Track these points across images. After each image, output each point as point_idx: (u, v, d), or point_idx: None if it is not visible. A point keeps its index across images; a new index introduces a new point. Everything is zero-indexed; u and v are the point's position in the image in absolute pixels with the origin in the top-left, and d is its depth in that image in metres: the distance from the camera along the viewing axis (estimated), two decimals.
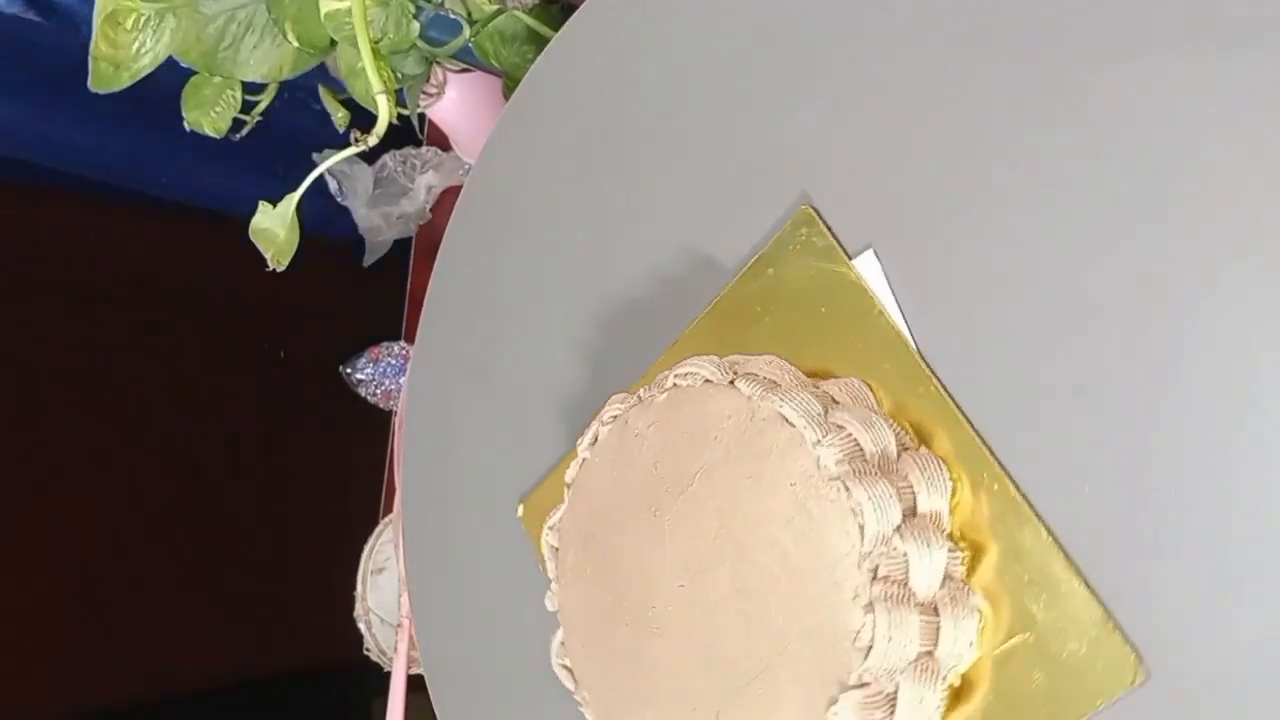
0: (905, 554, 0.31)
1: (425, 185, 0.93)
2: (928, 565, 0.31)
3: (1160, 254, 0.31)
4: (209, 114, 0.63)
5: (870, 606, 0.30)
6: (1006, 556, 0.32)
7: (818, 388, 0.36)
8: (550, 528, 0.41)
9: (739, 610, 0.33)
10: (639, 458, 0.37)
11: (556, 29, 0.50)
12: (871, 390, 0.36)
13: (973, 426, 0.33)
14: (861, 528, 0.31)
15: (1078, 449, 0.31)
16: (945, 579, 0.32)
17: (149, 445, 1.05)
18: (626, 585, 0.36)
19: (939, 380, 0.34)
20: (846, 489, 0.32)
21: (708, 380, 0.37)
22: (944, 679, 0.31)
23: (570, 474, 0.40)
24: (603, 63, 0.48)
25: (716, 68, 0.42)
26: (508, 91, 0.54)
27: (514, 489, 0.49)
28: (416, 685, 0.65)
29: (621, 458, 0.38)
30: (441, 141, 0.91)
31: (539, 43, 0.62)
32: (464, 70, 0.69)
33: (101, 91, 0.57)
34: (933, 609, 0.31)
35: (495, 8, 0.61)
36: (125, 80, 0.56)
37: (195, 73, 0.62)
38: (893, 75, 0.37)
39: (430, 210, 0.94)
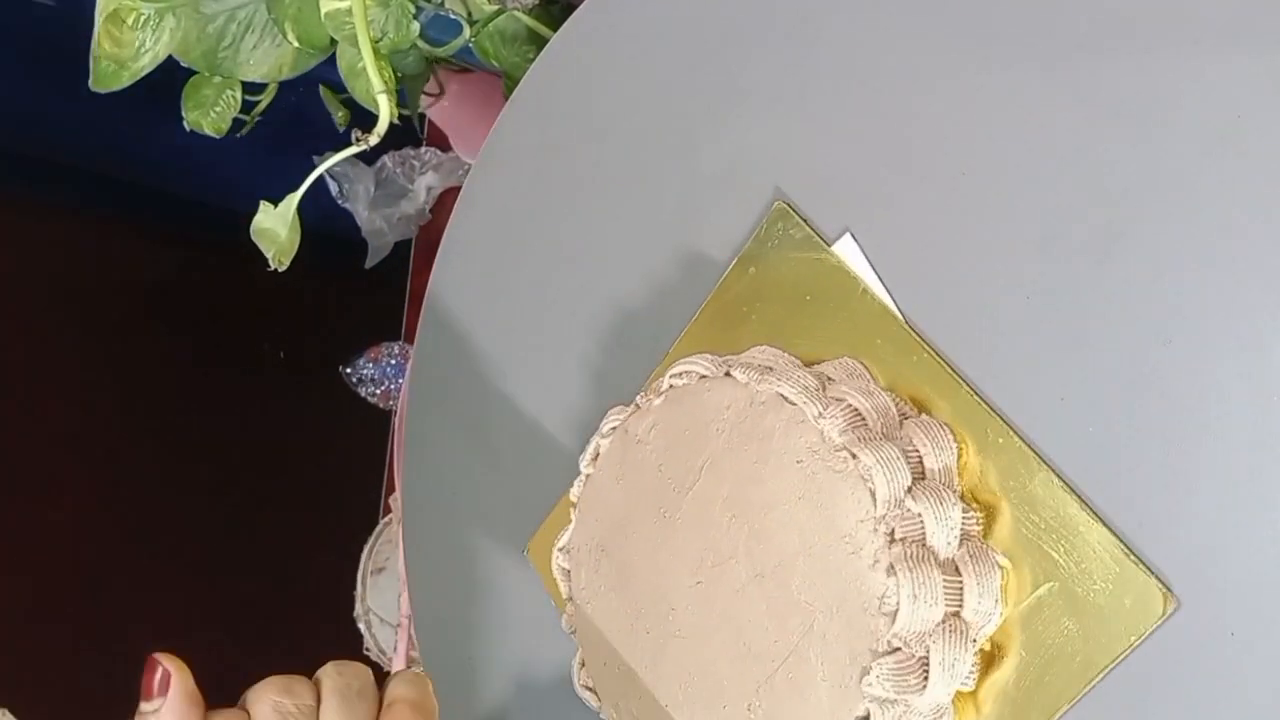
0: (919, 514, 0.31)
1: (425, 186, 0.93)
2: (944, 523, 0.31)
3: (1121, 181, 0.31)
4: (209, 114, 0.63)
5: (891, 569, 0.30)
6: (1021, 508, 0.32)
7: (812, 368, 0.36)
8: (560, 549, 0.40)
9: (760, 595, 0.33)
10: (643, 463, 0.37)
11: (556, 29, 0.50)
12: (866, 368, 0.36)
13: (971, 386, 0.34)
14: (873, 492, 0.31)
15: (1076, 396, 0.32)
16: (963, 539, 0.32)
17: (148, 445, 1.05)
18: (643, 593, 0.36)
19: (931, 347, 0.35)
20: (853, 455, 0.32)
21: (703, 376, 0.36)
22: (974, 641, 0.31)
23: (575, 492, 0.40)
24: (601, 63, 0.48)
25: (694, 73, 0.43)
26: (508, 91, 0.54)
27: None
28: None
29: (626, 467, 0.38)
30: (441, 142, 0.91)
31: (539, 43, 0.62)
32: (464, 70, 0.69)
33: (102, 91, 0.57)
34: (954, 568, 0.31)
35: (495, 8, 0.61)
36: (125, 79, 0.56)
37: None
38: (850, 71, 0.38)
39: (430, 211, 0.95)
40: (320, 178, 0.55)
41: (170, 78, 0.61)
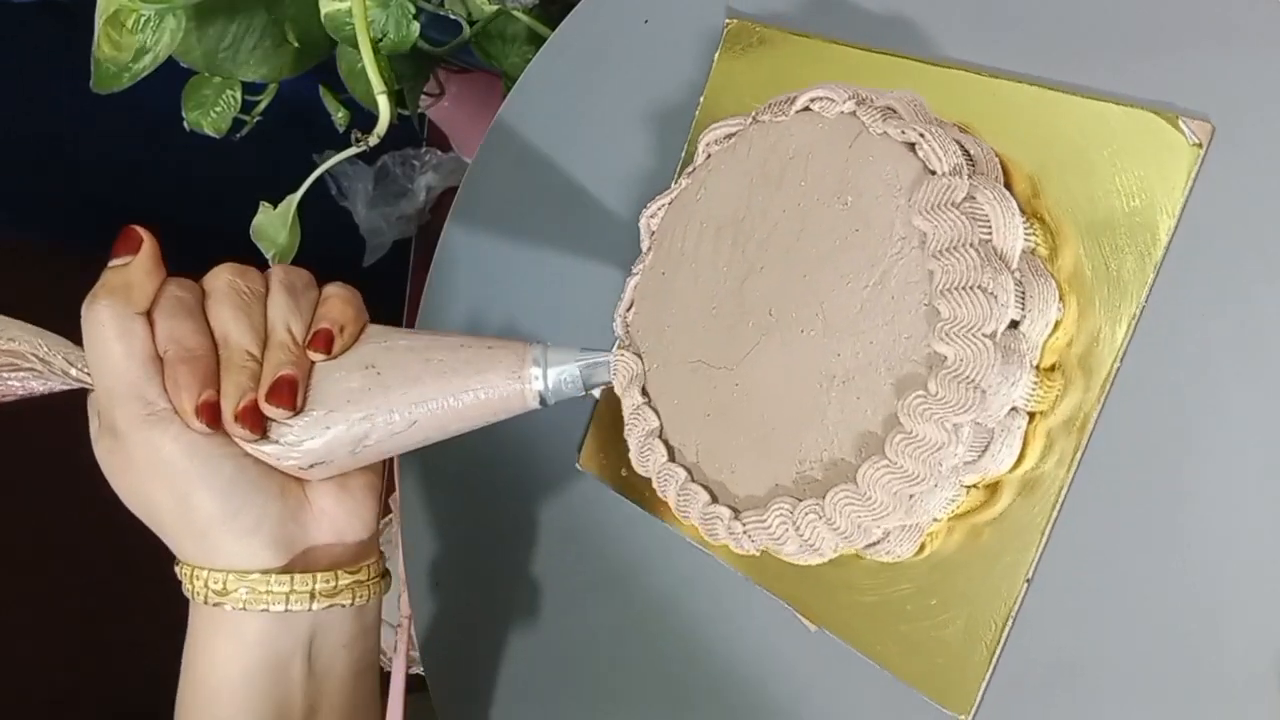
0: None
1: (425, 185, 0.93)
2: None
3: None
4: (209, 114, 0.63)
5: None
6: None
7: None
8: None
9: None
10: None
11: (555, 29, 0.50)
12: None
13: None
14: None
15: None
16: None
17: None
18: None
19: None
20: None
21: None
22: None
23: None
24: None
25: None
26: (507, 91, 0.54)
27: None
28: (416, 685, 0.65)
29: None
30: (441, 141, 0.91)
31: (539, 43, 0.62)
32: (464, 70, 0.70)
33: (103, 92, 0.57)
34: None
35: (495, 8, 0.61)
36: (126, 81, 0.56)
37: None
38: None
39: (430, 211, 0.95)
40: (320, 176, 0.55)
41: (172, 79, 0.61)
